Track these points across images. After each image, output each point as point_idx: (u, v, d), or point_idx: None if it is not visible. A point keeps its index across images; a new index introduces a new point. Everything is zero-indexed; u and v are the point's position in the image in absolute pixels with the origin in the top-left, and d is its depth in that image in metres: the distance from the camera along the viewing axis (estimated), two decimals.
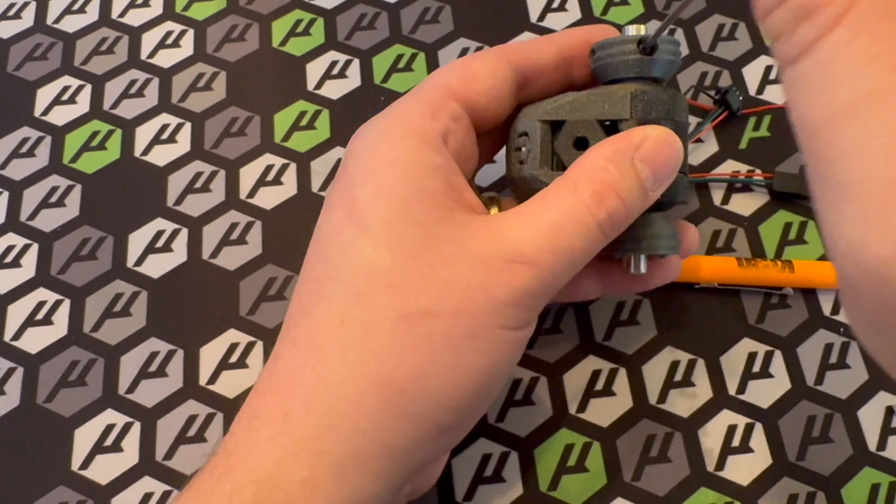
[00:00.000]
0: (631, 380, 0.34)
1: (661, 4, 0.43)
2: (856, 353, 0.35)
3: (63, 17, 0.44)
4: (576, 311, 0.36)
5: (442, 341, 0.25)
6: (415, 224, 0.25)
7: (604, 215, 0.26)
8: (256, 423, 0.25)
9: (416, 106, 0.28)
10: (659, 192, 0.27)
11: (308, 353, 0.25)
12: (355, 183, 0.26)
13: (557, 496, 0.32)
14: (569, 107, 0.28)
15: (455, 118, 0.28)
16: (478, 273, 0.25)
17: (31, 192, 0.39)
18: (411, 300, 0.25)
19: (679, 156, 0.27)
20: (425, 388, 0.25)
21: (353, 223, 0.26)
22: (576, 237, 0.26)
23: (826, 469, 0.32)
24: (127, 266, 0.37)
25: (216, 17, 0.44)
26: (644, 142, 0.26)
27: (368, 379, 0.25)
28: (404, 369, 0.25)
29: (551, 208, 0.26)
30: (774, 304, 0.36)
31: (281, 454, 0.25)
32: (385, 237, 0.25)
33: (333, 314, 0.25)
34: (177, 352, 0.35)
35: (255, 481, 0.24)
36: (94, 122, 0.41)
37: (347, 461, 0.25)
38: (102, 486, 0.33)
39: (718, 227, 0.37)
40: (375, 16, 0.43)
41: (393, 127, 0.27)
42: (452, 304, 0.25)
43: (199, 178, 0.39)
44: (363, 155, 0.27)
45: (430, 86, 0.29)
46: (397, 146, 0.27)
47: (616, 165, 0.26)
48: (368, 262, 0.25)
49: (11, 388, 0.35)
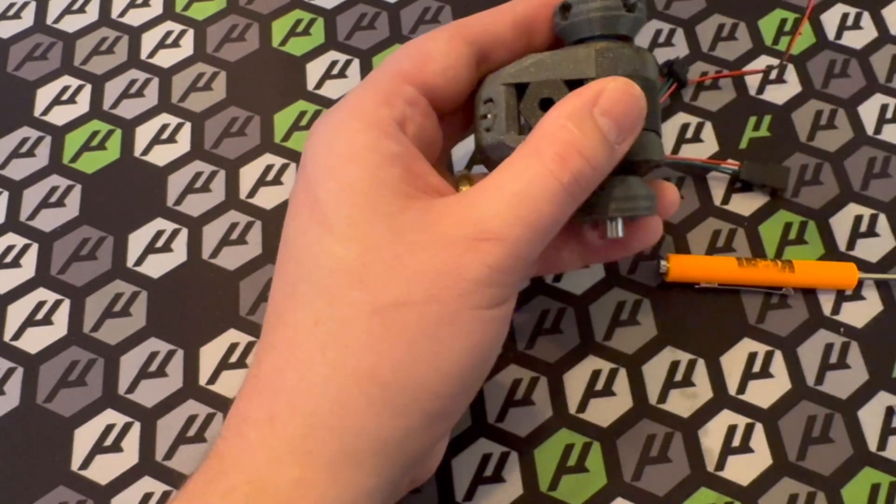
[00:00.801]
0: (631, 380, 0.34)
1: (661, 4, 0.43)
2: (856, 353, 0.35)
3: (63, 16, 0.44)
4: (576, 311, 0.36)
5: (418, 331, 0.25)
6: (378, 216, 0.25)
7: (568, 177, 0.25)
8: (244, 426, 0.25)
9: (370, 95, 0.27)
10: (626, 146, 0.26)
11: (287, 356, 0.25)
12: (316, 182, 0.26)
13: (557, 496, 0.32)
14: (533, 69, 0.27)
15: (411, 102, 0.28)
16: (445, 257, 0.24)
17: (31, 192, 0.39)
18: (382, 293, 0.24)
19: (641, 105, 0.26)
20: (407, 378, 0.25)
21: (318, 223, 0.25)
22: (542, 204, 0.25)
23: (826, 469, 0.32)
24: (127, 266, 0.37)
25: (216, 16, 0.44)
26: (602, 94, 0.26)
27: (349, 375, 0.25)
28: (384, 362, 0.24)
29: (514, 177, 0.25)
30: (774, 304, 0.36)
31: (271, 456, 0.25)
32: (350, 233, 0.25)
33: (308, 315, 0.25)
34: (177, 352, 0.35)
35: (247, 482, 0.24)
36: (94, 122, 0.41)
37: (338, 459, 0.25)
38: (102, 486, 0.33)
39: (718, 227, 0.37)
40: (375, 16, 0.43)
41: (348, 119, 0.27)
42: (423, 292, 0.24)
43: (199, 178, 0.39)
44: (320, 152, 0.27)
45: (383, 72, 0.28)
46: (354, 139, 0.26)
47: (576, 123, 0.25)
48: (336, 259, 0.25)
49: (11, 388, 0.35)
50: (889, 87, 0.41)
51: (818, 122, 0.40)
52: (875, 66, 0.41)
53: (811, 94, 0.41)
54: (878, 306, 0.36)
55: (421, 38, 0.29)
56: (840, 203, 0.38)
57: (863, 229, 0.37)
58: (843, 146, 0.39)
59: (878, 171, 0.39)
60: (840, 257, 0.37)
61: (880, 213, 0.38)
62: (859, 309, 0.36)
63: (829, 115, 0.40)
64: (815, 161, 0.39)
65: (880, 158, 0.39)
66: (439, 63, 0.28)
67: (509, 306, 0.26)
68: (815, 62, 0.41)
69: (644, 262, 0.37)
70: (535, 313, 0.36)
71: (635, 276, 0.36)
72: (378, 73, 0.28)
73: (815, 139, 0.39)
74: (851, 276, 0.35)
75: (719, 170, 0.38)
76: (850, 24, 0.43)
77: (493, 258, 0.25)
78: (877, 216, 0.38)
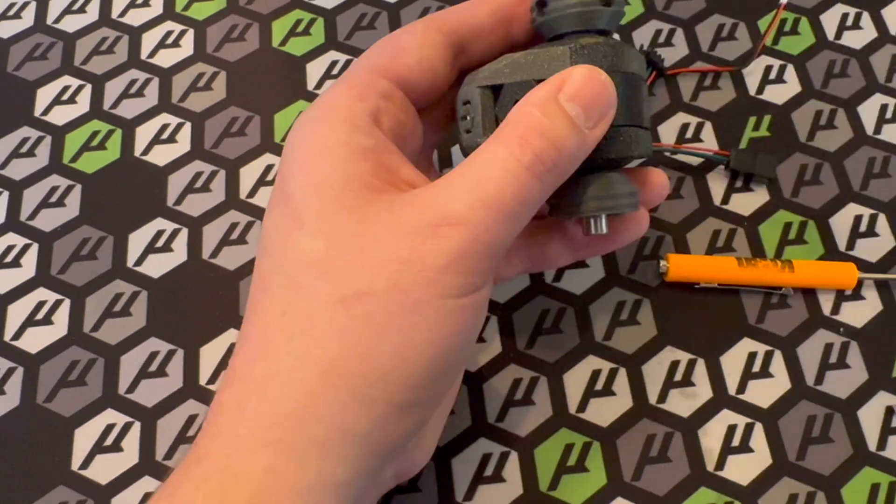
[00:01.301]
0: (631, 380, 0.34)
1: (661, 4, 0.43)
2: (856, 353, 0.35)
3: (63, 16, 0.44)
4: (576, 311, 0.36)
5: (382, 320, 0.25)
6: (346, 210, 0.25)
7: (529, 157, 0.25)
8: (215, 415, 0.26)
9: (345, 90, 0.27)
10: (599, 132, 0.26)
11: (257, 347, 0.26)
12: (288, 178, 0.26)
13: (557, 496, 0.32)
14: (507, 70, 0.27)
15: (385, 96, 0.28)
16: (406, 245, 0.25)
17: (31, 192, 0.39)
18: (346, 283, 0.25)
19: (609, 90, 0.26)
20: (373, 368, 0.25)
21: (289, 218, 0.26)
22: (504, 186, 0.25)
23: (826, 469, 0.32)
24: (127, 266, 0.37)
25: (216, 16, 0.44)
26: (567, 80, 0.26)
27: (314, 365, 0.25)
28: (347, 352, 0.25)
29: (476, 163, 0.25)
30: (774, 304, 0.36)
31: (240, 444, 0.25)
32: (319, 227, 0.25)
33: (276, 306, 0.25)
34: (177, 352, 0.35)
35: (219, 469, 0.24)
36: (94, 122, 0.41)
37: (306, 447, 0.25)
38: (102, 486, 0.33)
39: (718, 227, 0.37)
40: (375, 16, 0.43)
41: (322, 115, 0.27)
42: (385, 281, 0.24)
43: (199, 177, 0.39)
44: (295, 149, 0.27)
45: (357, 68, 0.28)
46: (326, 135, 0.26)
47: (540, 109, 0.25)
48: (305, 253, 0.25)
49: (11, 388, 0.35)
50: (889, 87, 0.41)
51: (818, 122, 0.40)
52: (875, 66, 0.41)
53: (811, 94, 0.41)
54: (878, 306, 0.36)
55: (396, 32, 0.29)
56: (840, 203, 0.38)
57: (862, 229, 0.37)
58: (842, 146, 0.39)
59: (878, 171, 0.39)
60: (840, 257, 0.37)
61: (880, 213, 0.38)
62: (859, 309, 0.36)
63: (828, 115, 0.40)
64: (814, 161, 0.39)
65: (880, 158, 0.39)
66: (413, 55, 0.28)
67: (481, 296, 0.26)
68: (814, 62, 0.41)
69: (644, 262, 0.37)
70: (535, 313, 0.36)
71: (635, 276, 0.36)
72: (353, 69, 0.28)
73: (815, 139, 0.39)
74: (851, 276, 0.35)
75: (706, 157, 0.38)
76: (849, 24, 0.43)
77: (456, 243, 0.25)
78: (876, 216, 0.38)
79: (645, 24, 0.43)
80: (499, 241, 0.26)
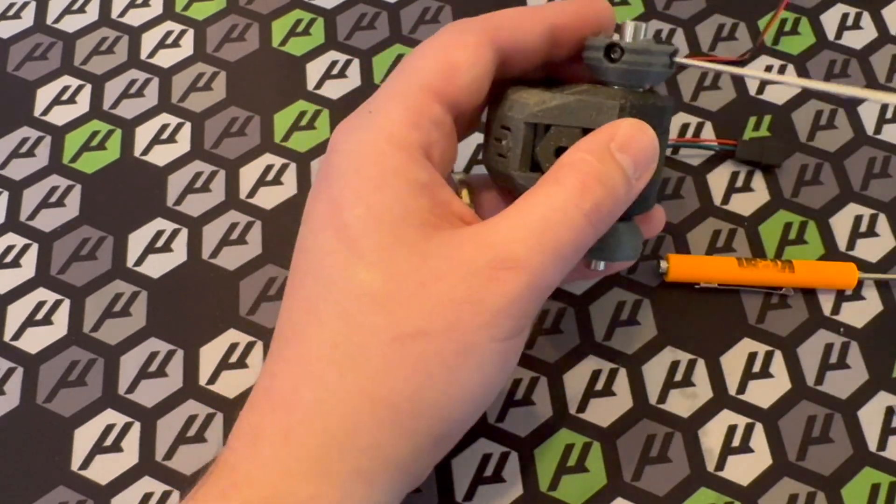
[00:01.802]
0: (631, 380, 0.34)
1: (661, 4, 0.43)
2: (856, 353, 0.35)
3: (63, 16, 0.44)
4: (576, 311, 0.36)
5: (435, 360, 0.25)
6: (405, 245, 0.25)
7: (589, 205, 0.25)
8: (258, 441, 0.25)
9: (399, 113, 0.26)
10: (643, 182, 0.27)
11: (303, 374, 0.26)
12: (343, 205, 0.26)
13: (557, 496, 0.32)
14: (557, 111, 0.27)
15: (437, 124, 0.27)
16: (466, 286, 0.25)
17: (31, 192, 0.39)
18: (403, 321, 0.25)
19: (654, 143, 0.27)
20: (420, 404, 0.25)
21: (346, 247, 0.25)
22: (563, 231, 0.25)
23: (826, 469, 0.32)
24: (127, 266, 0.37)
25: (216, 16, 0.44)
26: (618, 132, 0.26)
27: (364, 398, 0.25)
28: (399, 388, 0.25)
29: (536, 204, 0.25)
30: (774, 304, 0.36)
31: (285, 472, 0.25)
32: (377, 260, 0.25)
33: (326, 335, 0.25)
34: (177, 352, 0.35)
35: (262, 498, 0.25)
36: (94, 122, 0.41)
37: (352, 477, 0.25)
38: (102, 486, 0.33)
39: (718, 227, 0.37)
40: (375, 16, 0.43)
41: (376, 141, 0.26)
42: (443, 321, 0.25)
43: (199, 177, 0.39)
44: (348, 173, 0.26)
45: (409, 86, 0.27)
46: (383, 164, 0.26)
47: (596, 156, 0.26)
48: (362, 285, 0.25)
49: (11, 388, 0.35)
50: (889, 86, 0.41)
51: (818, 121, 0.40)
52: (875, 66, 0.41)
53: (811, 94, 0.41)
54: (878, 306, 0.36)
55: (446, 44, 0.27)
56: (840, 203, 0.38)
57: (863, 229, 0.37)
58: (843, 146, 0.39)
59: (878, 171, 0.39)
60: (840, 257, 0.37)
61: (880, 213, 0.38)
62: (859, 309, 0.36)
63: (829, 114, 0.40)
64: (815, 161, 0.39)
65: (880, 158, 0.39)
66: (466, 76, 0.27)
67: (523, 339, 0.27)
68: (815, 62, 0.41)
69: (644, 262, 0.37)
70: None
71: (635, 276, 0.36)
72: (404, 85, 0.27)
73: (815, 139, 0.39)
74: (851, 276, 0.35)
75: (712, 148, 0.38)
76: (850, 24, 0.43)
77: (514, 288, 0.25)
78: (877, 216, 0.38)
79: (645, 25, 0.43)
80: (552, 284, 0.26)
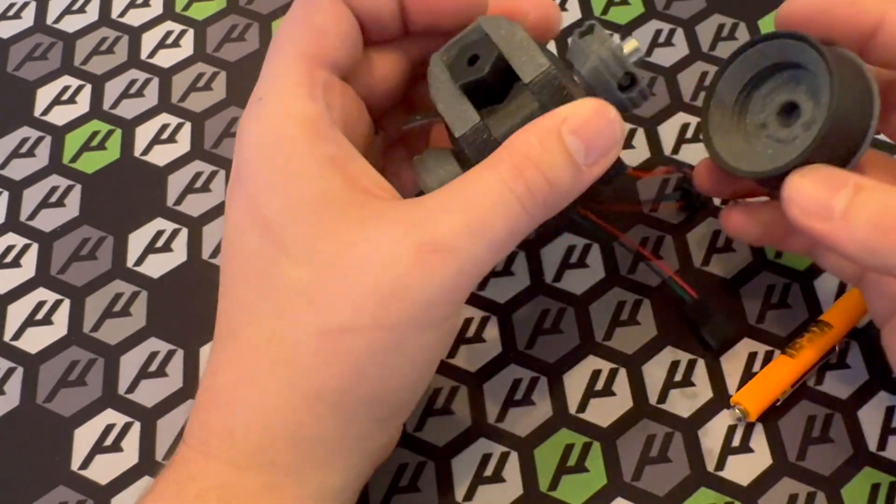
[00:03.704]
0: (631, 380, 0.34)
1: (661, 4, 0.43)
2: (856, 353, 0.34)
3: (63, 16, 0.44)
4: (576, 311, 0.36)
5: (364, 355, 0.25)
6: (328, 234, 0.25)
7: (522, 188, 0.24)
8: (206, 438, 0.26)
9: (290, 88, 0.26)
10: (598, 169, 0.25)
11: (241, 372, 0.26)
12: (261, 198, 0.25)
13: (557, 496, 0.32)
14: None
15: (329, 87, 0.26)
16: (391, 276, 0.24)
17: (31, 192, 0.39)
18: (329, 316, 0.24)
19: (615, 127, 0.25)
20: (356, 397, 0.25)
21: (271, 243, 0.25)
22: (494, 214, 0.24)
23: (826, 469, 0.32)
24: (127, 266, 0.37)
25: (216, 16, 0.44)
26: (573, 114, 0.25)
27: (299, 393, 0.25)
28: (332, 384, 0.25)
29: (466, 185, 0.25)
30: (774, 304, 0.36)
31: (235, 466, 0.25)
32: (303, 253, 0.25)
33: (262, 333, 0.25)
34: (177, 352, 0.35)
35: (218, 486, 0.25)
36: (94, 122, 0.41)
37: (301, 465, 0.25)
38: (102, 486, 0.33)
39: (719, 228, 0.37)
40: None
41: (278, 126, 0.26)
42: (369, 316, 0.24)
43: (199, 177, 0.39)
44: (258, 166, 0.26)
45: (286, 60, 0.26)
46: (288, 148, 0.25)
47: (539, 139, 0.25)
48: (291, 280, 0.25)
49: (11, 388, 0.35)
50: None
51: None
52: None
53: None
54: None
55: (304, 12, 0.27)
56: None
57: None
58: None
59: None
60: None
61: None
62: None
63: None
64: None
65: None
66: (335, 35, 0.27)
67: (458, 318, 0.27)
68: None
69: (644, 262, 0.36)
70: (535, 313, 0.36)
71: (635, 275, 0.36)
72: (283, 61, 0.27)
73: None
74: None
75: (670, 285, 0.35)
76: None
77: (443, 276, 0.24)
78: None
79: (645, 24, 0.43)
80: (483, 270, 0.25)
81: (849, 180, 0.24)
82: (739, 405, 0.32)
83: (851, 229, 0.24)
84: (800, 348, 0.33)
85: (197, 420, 0.27)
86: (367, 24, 0.28)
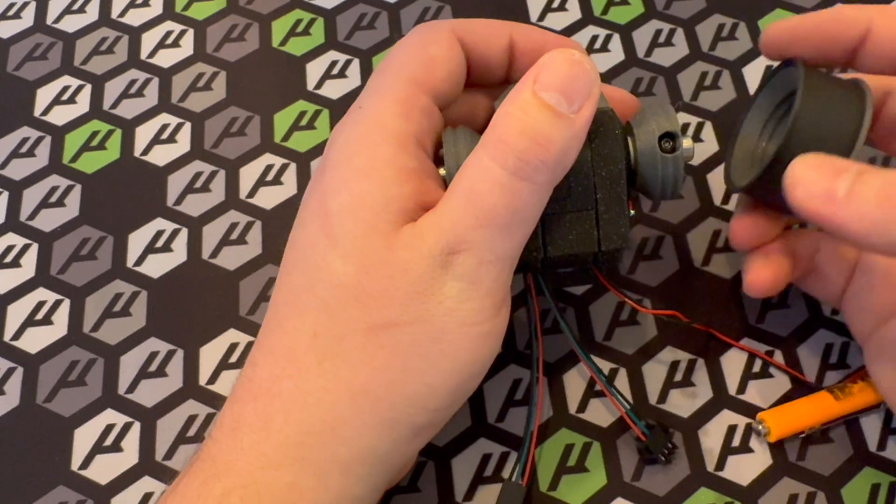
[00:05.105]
0: (631, 380, 0.34)
1: (661, 4, 0.43)
2: (856, 353, 0.34)
3: (63, 16, 0.44)
4: (576, 311, 0.36)
5: (410, 349, 0.25)
6: (379, 234, 0.25)
7: (512, 160, 0.24)
8: (239, 430, 0.26)
9: (390, 105, 0.27)
10: (588, 111, 0.25)
11: (284, 363, 0.26)
12: (330, 193, 0.26)
13: (557, 496, 0.32)
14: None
15: (426, 113, 0.28)
16: (428, 278, 0.25)
17: (31, 192, 0.39)
18: (376, 313, 0.25)
19: (585, 67, 0.25)
20: (399, 394, 0.25)
21: (325, 235, 0.26)
22: (491, 197, 0.24)
23: (826, 469, 0.32)
24: (127, 266, 0.37)
25: (216, 16, 0.44)
26: (540, 72, 0.25)
27: (343, 388, 0.25)
28: (377, 378, 0.25)
29: (462, 178, 0.25)
30: (774, 304, 0.36)
31: (265, 461, 0.25)
32: (351, 250, 0.25)
33: (307, 326, 0.26)
34: (177, 352, 0.35)
35: (242, 486, 0.25)
36: (94, 122, 0.41)
37: (329, 467, 0.25)
38: (102, 486, 0.33)
39: (718, 227, 0.37)
40: (375, 16, 0.43)
41: (369, 133, 0.27)
42: (413, 313, 0.25)
43: (199, 177, 0.39)
44: (339, 165, 0.27)
45: (394, 80, 0.28)
46: (373, 153, 0.26)
47: (517, 106, 0.25)
48: (337, 275, 0.25)
49: (11, 388, 0.35)
50: None
51: None
52: None
53: None
54: None
55: (422, 40, 0.29)
56: None
57: None
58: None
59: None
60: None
61: None
62: None
63: None
64: None
65: (880, 159, 0.39)
66: (444, 68, 0.28)
67: (499, 322, 0.27)
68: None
69: (644, 262, 0.36)
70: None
71: (635, 275, 0.36)
72: (390, 80, 0.28)
73: None
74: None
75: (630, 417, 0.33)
76: None
77: (465, 271, 0.25)
78: None
79: (645, 24, 0.43)
80: (505, 255, 0.26)
81: (851, 166, 0.24)
82: (764, 423, 0.32)
83: (857, 207, 0.24)
84: (848, 394, 0.32)
85: (230, 411, 0.27)
86: (475, 64, 0.29)
